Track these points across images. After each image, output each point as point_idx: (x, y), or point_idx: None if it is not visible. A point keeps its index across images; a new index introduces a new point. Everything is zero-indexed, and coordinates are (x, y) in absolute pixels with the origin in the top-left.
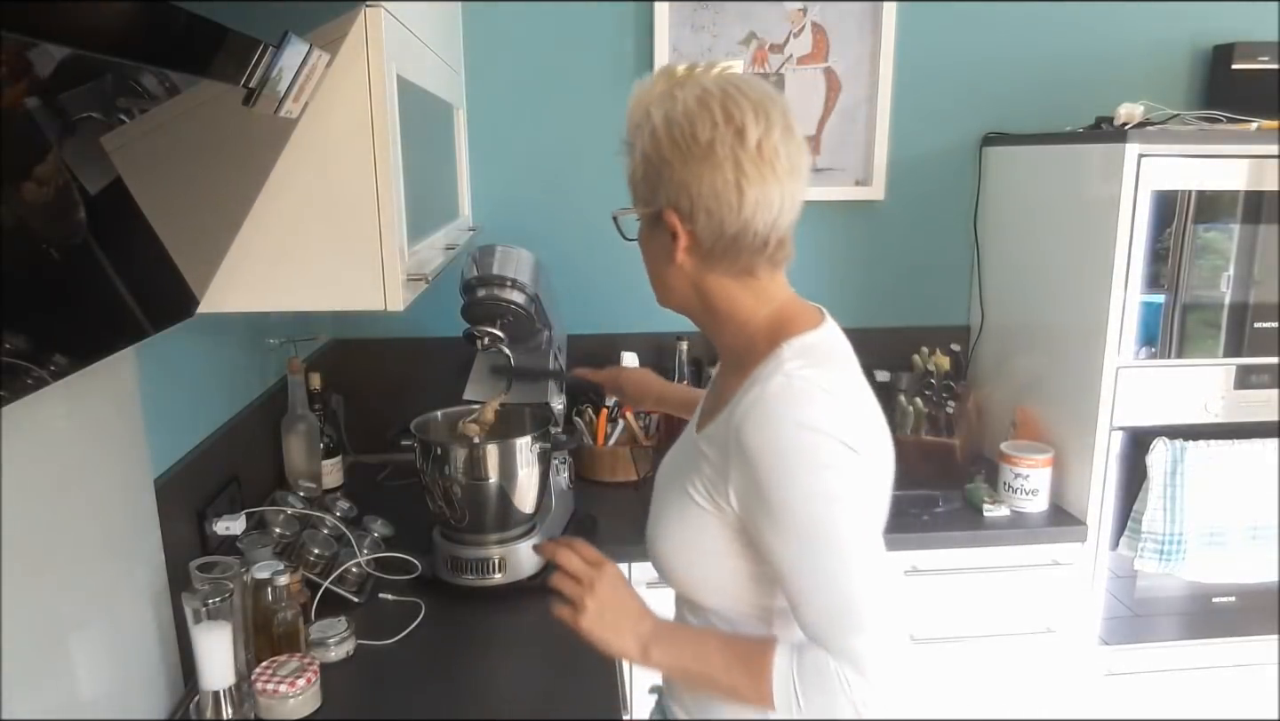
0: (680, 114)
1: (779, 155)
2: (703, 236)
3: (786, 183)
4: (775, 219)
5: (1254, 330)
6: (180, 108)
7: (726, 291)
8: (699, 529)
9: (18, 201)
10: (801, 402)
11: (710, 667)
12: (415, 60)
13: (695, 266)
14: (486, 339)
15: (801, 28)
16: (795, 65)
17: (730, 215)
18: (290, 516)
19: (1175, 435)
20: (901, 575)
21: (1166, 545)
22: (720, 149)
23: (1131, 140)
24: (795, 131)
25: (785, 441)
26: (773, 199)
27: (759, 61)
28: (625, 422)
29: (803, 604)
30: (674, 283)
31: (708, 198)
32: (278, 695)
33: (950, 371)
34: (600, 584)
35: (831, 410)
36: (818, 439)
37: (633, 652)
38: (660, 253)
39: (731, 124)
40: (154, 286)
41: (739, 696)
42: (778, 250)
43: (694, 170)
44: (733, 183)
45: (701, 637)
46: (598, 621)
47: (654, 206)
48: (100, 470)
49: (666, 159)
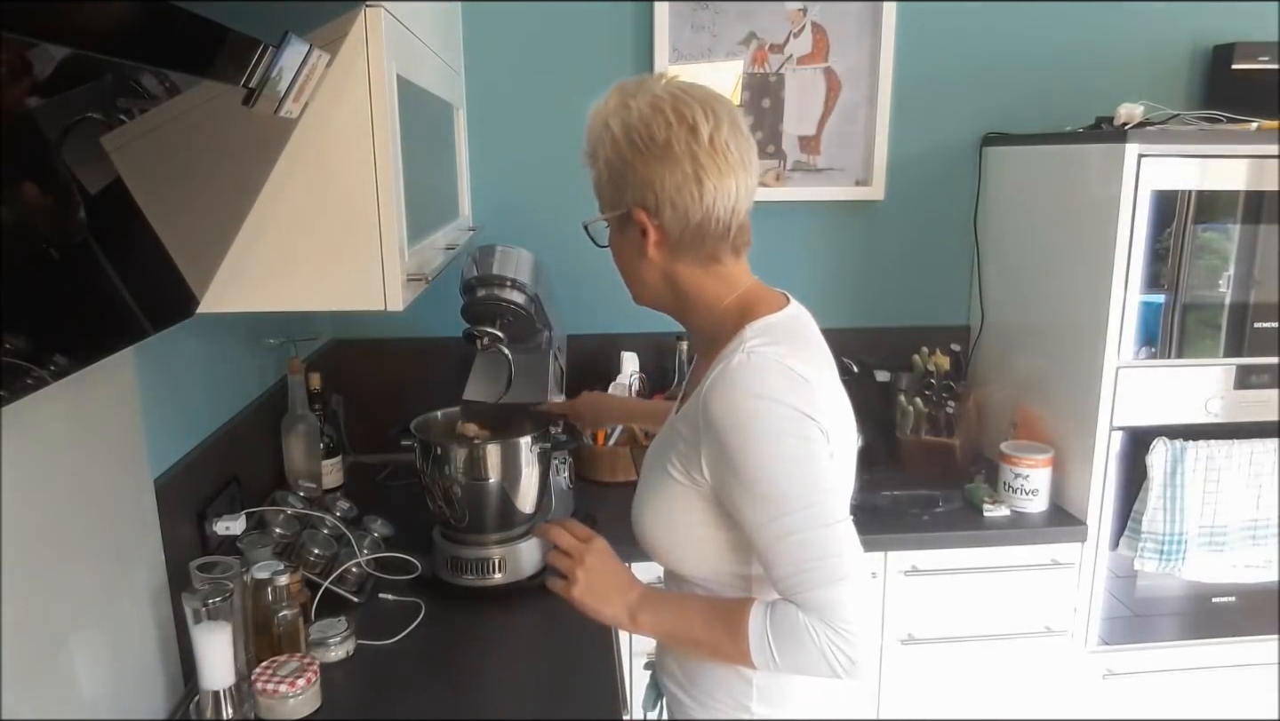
0: (636, 120)
1: (730, 148)
2: (670, 229)
3: (740, 173)
4: (734, 205)
5: (1254, 330)
6: (180, 108)
7: (695, 279)
8: (678, 503)
9: (18, 201)
10: (759, 375)
11: (692, 629)
12: (415, 60)
13: (665, 259)
14: (486, 339)
15: (801, 28)
16: (795, 65)
17: (693, 206)
18: (290, 516)
19: (1175, 435)
20: (906, 575)
21: (1166, 545)
22: (677, 146)
23: (1131, 140)
24: (742, 127)
25: (744, 410)
26: (730, 188)
27: (759, 61)
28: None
29: (772, 562)
30: (647, 278)
31: (671, 191)
32: (278, 695)
33: (950, 371)
34: (590, 556)
35: (787, 381)
36: (774, 407)
37: (622, 619)
38: (632, 251)
39: (684, 123)
40: (154, 286)
41: (721, 654)
42: (739, 236)
43: (655, 168)
44: (691, 175)
45: (684, 602)
46: (588, 592)
47: (622, 208)
48: (100, 470)
49: (629, 162)
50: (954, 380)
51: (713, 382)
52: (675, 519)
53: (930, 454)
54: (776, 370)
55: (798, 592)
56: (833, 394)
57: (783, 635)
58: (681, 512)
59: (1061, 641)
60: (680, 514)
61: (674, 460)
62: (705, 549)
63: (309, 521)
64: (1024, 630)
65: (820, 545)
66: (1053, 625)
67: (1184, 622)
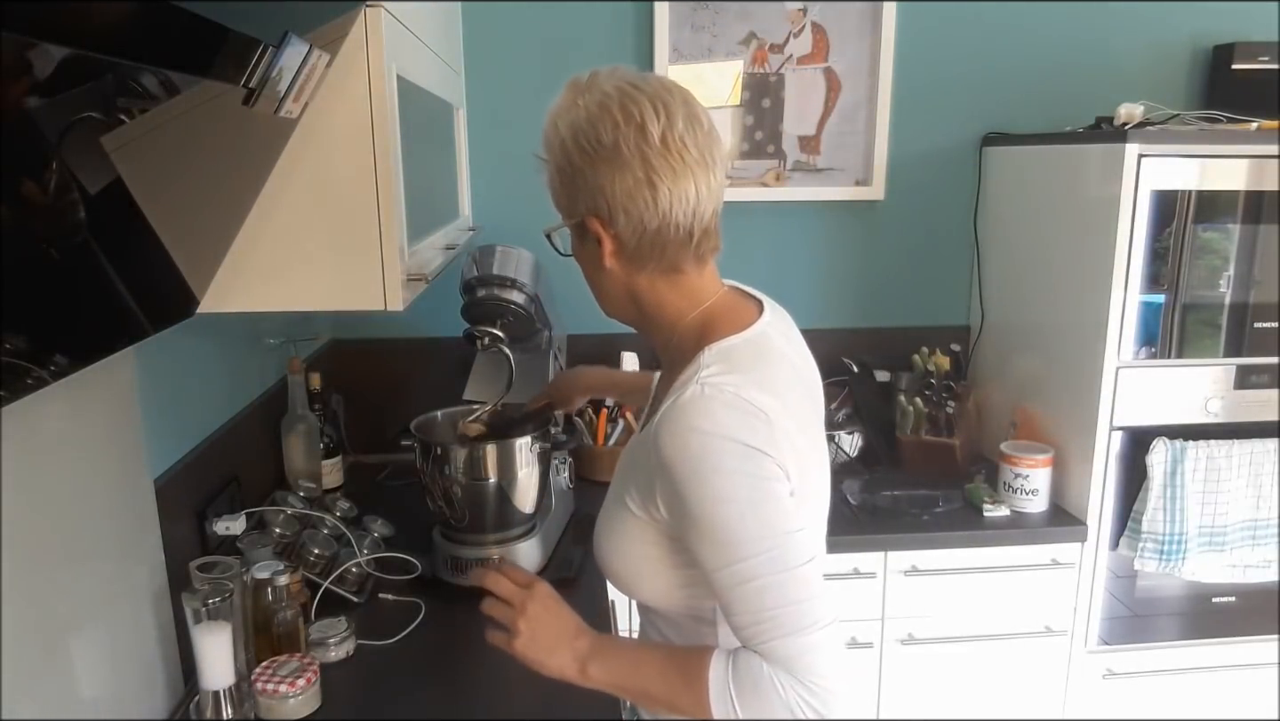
0: (583, 121)
1: (686, 147)
2: (625, 238)
3: (699, 172)
4: (694, 209)
5: (1254, 330)
6: (180, 108)
7: (656, 292)
8: (635, 536)
9: (18, 201)
10: (709, 410)
11: (648, 681)
12: (415, 60)
13: (624, 269)
14: (486, 339)
15: (801, 28)
16: (795, 65)
17: (647, 212)
18: (290, 516)
19: (1175, 435)
20: (906, 575)
21: (1166, 545)
22: (625, 147)
23: (1131, 140)
24: (702, 120)
25: (694, 448)
26: (687, 190)
27: (759, 61)
28: (625, 422)
29: (730, 609)
30: (609, 289)
31: (622, 198)
32: (278, 695)
33: (950, 371)
34: (532, 604)
35: (740, 417)
36: (726, 445)
37: (570, 671)
38: (592, 260)
39: (632, 122)
40: (154, 286)
41: (679, 708)
42: (703, 242)
43: (604, 173)
44: (643, 179)
45: (639, 651)
46: (531, 643)
47: (576, 216)
48: (100, 470)
49: (578, 167)
50: (954, 380)
51: (664, 416)
52: (633, 551)
53: (930, 454)
54: (730, 404)
55: (759, 642)
56: (798, 424)
57: (745, 688)
58: (640, 546)
59: (1061, 641)
60: (639, 547)
61: (632, 492)
62: (663, 583)
63: (309, 521)
64: (1024, 630)
65: (780, 591)
66: (1053, 625)
67: (1184, 622)
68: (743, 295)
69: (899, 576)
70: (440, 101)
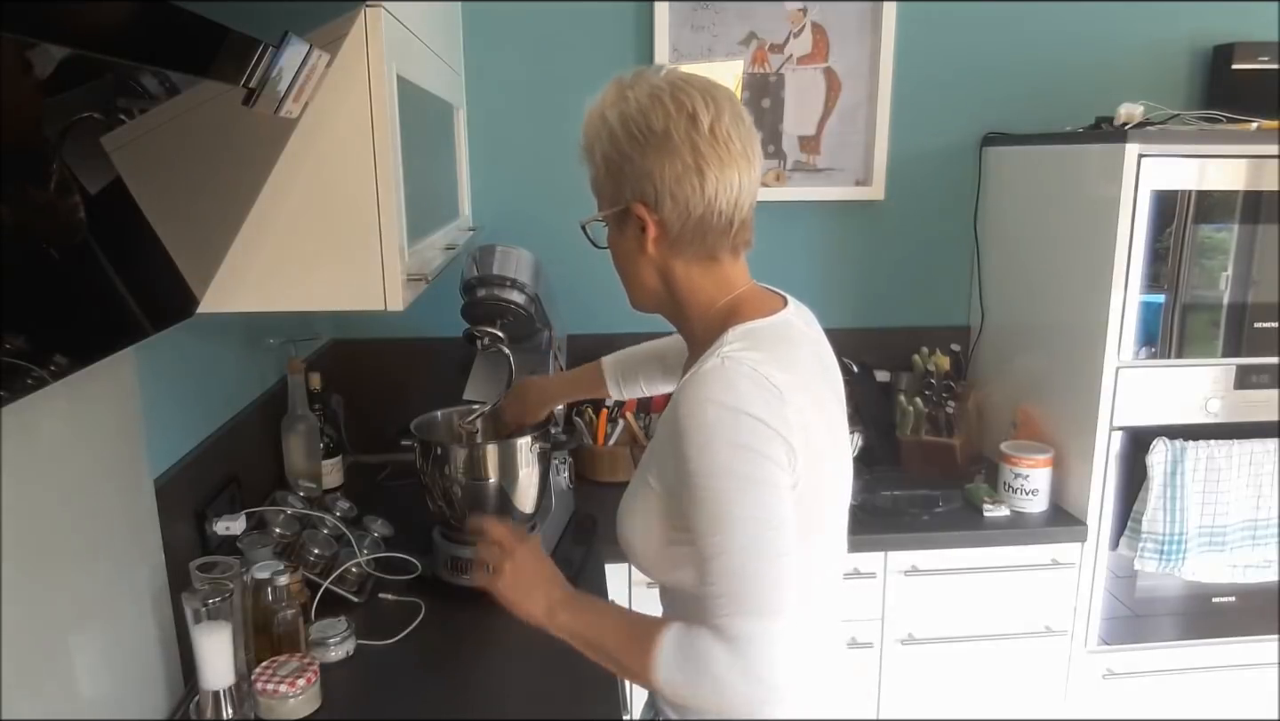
0: (634, 110)
1: (732, 139)
2: (670, 223)
3: (742, 164)
4: (737, 199)
5: (1254, 330)
6: (180, 108)
7: (690, 279)
8: (654, 512)
9: (18, 201)
10: (728, 381)
11: (605, 637)
12: (415, 60)
13: (663, 255)
14: (486, 339)
15: (801, 28)
16: (795, 65)
17: (694, 197)
18: (290, 516)
19: (1175, 435)
20: (906, 575)
21: (1166, 545)
22: (676, 135)
23: (1131, 140)
24: (745, 118)
25: (708, 418)
26: (732, 180)
27: (759, 61)
28: (625, 422)
29: (704, 577)
30: (645, 277)
31: (671, 183)
32: (278, 695)
33: (950, 371)
34: (519, 551)
35: (757, 391)
36: (739, 419)
37: (539, 614)
38: (631, 248)
39: (684, 111)
40: (154, 286)
41: (628, 669)
42: (740, 232)
43: (655, 159)
44: (692, 166)
45: (605, 610)
46: (512, 585)
47: (621, 203)
48: (100, 470)
49: (627, 154)
50: (954, 380)
51: (683, 385)
52: (652, 527)
53: (930, 454)
54: (748, 378)
55: (720, 616)
56: (815, 404)
57: (689, 656)
58: (658, 520)
59: (1061, 641)
60: (657, 522)
61: (654, 468)
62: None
63: (309, 521)
64: (1024, 630)
65: (755, 574)
66: (1053, 625)
67: (1184, 622)
68: (769, 291)
69: (899, 576)
70: (440, 101)
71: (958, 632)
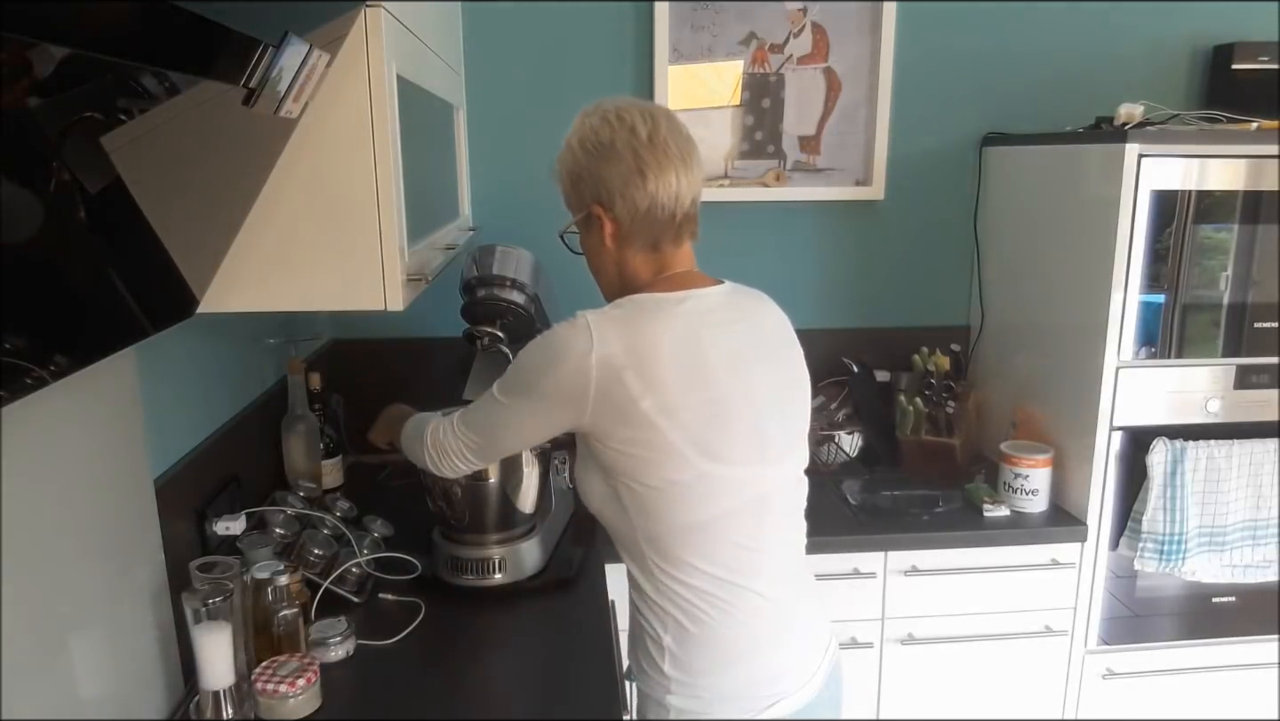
0: (588, 130)
1: (669, 145)
2: (622, 219)
3: (679, 166)
4: (677, 194)
5: (1254, 330)
6: (180, 108)
7: (636, 265)
8: (583, 456)
9: (18, 201)
10: (555, 329)
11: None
12: (415, 60)
13: (619, 248)
14: (486, 339)
15: (801, 28)
16: (795, 65)
17: (639, 195)
18: (290, 516)
19: (1175, 435)
20: (906, 575)
21: (1166, 545)
22: (619, 145)
23: (1131, 140)
24: (681, 130)
25: (526, 348)
26: (670, 179)
27: (759, 61)
28: None
29: None
30: (608, 269)
31: (619, 185)
32: (278, 695)
33: (950, 371)
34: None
35: (567, 329)
36: (540, 340)
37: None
38: (596, 245)
39: (625, 125)
40: (154, 286)
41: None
42: (684, 225)
43: (604, 167)
44: (635, 169)
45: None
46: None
47: (584, 209)
48: (100, 470)
49: (584, 165)
50: (954, 380)
51: None
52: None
53: (930, 454)
54: (572, 326)
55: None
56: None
57: (423, 426)
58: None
59: (1062, 641)
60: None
61: None
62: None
63: (309, 521)
64: (1024, 630)
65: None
66: (1053, 625)
67: (1184, 622)
68: (705, 277)
69: (899, 576)
70: (440, 101)
71: (958, 632)
